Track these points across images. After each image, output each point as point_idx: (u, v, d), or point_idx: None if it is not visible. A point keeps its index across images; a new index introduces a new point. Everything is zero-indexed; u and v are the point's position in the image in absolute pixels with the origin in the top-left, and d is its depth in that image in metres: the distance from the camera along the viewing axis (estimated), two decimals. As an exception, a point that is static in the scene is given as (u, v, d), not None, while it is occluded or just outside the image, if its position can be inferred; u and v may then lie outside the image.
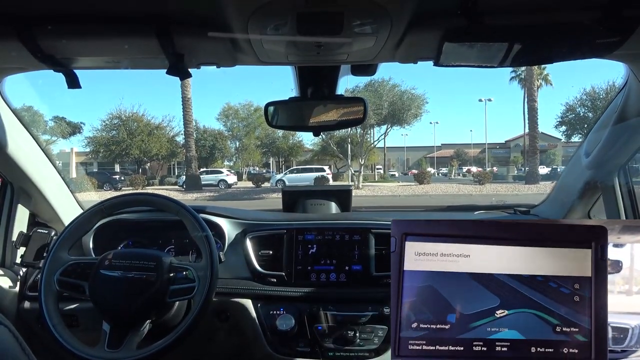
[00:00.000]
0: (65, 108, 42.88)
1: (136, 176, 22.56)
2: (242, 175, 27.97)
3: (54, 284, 1.22)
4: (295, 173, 23.16)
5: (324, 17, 0.84)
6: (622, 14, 0.81)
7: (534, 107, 23.48)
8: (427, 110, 21.20)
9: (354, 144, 22.27)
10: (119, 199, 1.36)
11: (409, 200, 16.51)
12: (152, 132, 25.23)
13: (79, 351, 1.15)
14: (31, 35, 0.87)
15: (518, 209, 1.78)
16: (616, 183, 1.40)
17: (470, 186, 20.68)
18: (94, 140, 25.13)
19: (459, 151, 40.93)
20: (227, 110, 28.01)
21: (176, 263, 1.23)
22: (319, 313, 1.41)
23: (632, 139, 1.26)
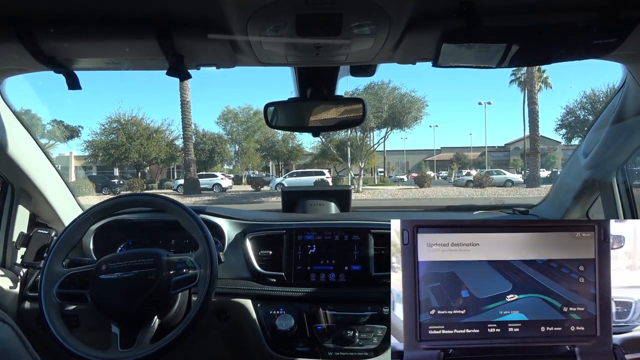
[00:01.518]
0: (63, 111, 42.83)
1: (134, 180, 22.48)
2: (242, 179, 27.92)
3: (54, 297, 1.21)
4: (295, 177, 23.12)
5: (323, 19, 0.85)
6: (620, 15, 0.82)
7: (534, 110, 23.45)
8: (427, 113, 21.16)
9: (353, 147, 22.18)
10: (128, 198, 1.35)
11: (409, 202, 16.37)
12: (151, 136, 25.20)
13: (94, 357, 1.13)
14: (32, 36, 0.88)
15: (517, 209, 1.79)
16: (614, 183, 1.40)
17: (470, 189, 20.60)
18: (93, 144, 25.08)
19: (459, 154, 40.91)
20: (227, 114, 28.07)
21: (173, 256, 1.23)
22: (318, 313, 1.41)
23: (630, 138, 1.27)
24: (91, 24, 0.88)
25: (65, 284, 1.22)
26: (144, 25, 0.88)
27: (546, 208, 1.74)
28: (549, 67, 26.50)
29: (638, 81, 1.12)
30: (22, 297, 1.49)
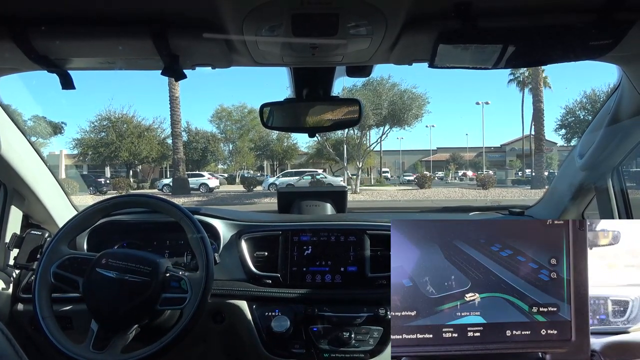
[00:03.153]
0: (49, 108, 42.42)
1: (119, 179, 22.17)
2: (236, 179, 27.82)
3: (49, 275, 1.23)
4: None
5: (319, 19, 0.84)
6: (615, 17, 0.82)
7: (539, 108, 23.06)
8: (428, 111, 20.68)
9: (350, 146, 21.88)
10: (123, 198, 1.37)
11: (410, 204, 16.21)
12: (142, 134, 25.03)
13: (62, 347, 1.15)
14: (25, 36, 0.87)
15: (512, 209, 1.80)
16: (610, 184, 1.41)
17: (473, 191, 20.31)
18: (82, 142, 24.87)
19: (455, 155, 41.11)
20: (221, 112, 27.94)
21: (172, 270, 1.23)
22: (314, 314, 1.40)
23: (625, 140, 1.27)
24: (85, 24, 0.87)
25: (64, 266, 1.25)
26: (139, 25, 0.87)
27: (542, 209, 1.74)
28: (547, 68, 26.47)
29: (633, 83, 1.13)
30: (14, 298, 1.47)
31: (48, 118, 22.77)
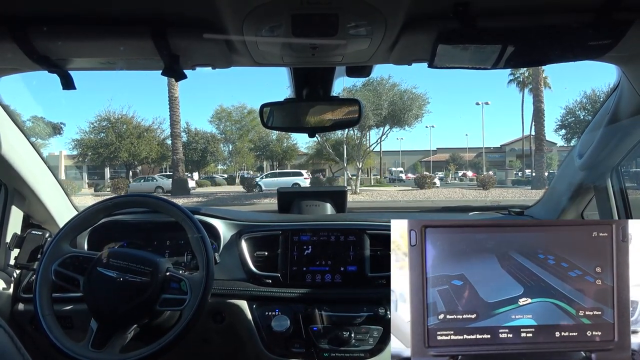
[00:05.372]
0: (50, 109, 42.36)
1: (119, 180, 22.17)
2: (235, 179, 27.78)
3: (50, 273, 1.23)
4: (271, 177, 23.21)
5: (319, 19, 0.84)
6: (614, 17, 0.82)
7: (540, 108, 22.88)
8: (428, 111, 20.45)
9: (350, 147, 21.76)
10: (124, 198, 1.37)
11: (410, 204, 16.12)
12: (141, 135, 24.98)
13: (61, 344, 1.16)
14: (26, 36, 0.87)
15: (512, 209, 1.80)
16: (609, 184, 1.41)
17: (474, 191, 20.14)
18: (82, 142, 24.81)
19: (455, 155, 41.07)
20: (220, 113, 27.78)
21: (172, 271, 1.23)
22: (314, 314, 1.40)
23: (624, 140, 1.28)
24: (86, 24, 0.87)
25: (65, 264, 1.25)
26: (139, 25, 0.87)
27: (541, 209, 1.75)
28: (547, 68, 26.37)
29: (632, 83, 1.13)
30: (15, 298, 1.48)
31: (47, 118, 22.69)
